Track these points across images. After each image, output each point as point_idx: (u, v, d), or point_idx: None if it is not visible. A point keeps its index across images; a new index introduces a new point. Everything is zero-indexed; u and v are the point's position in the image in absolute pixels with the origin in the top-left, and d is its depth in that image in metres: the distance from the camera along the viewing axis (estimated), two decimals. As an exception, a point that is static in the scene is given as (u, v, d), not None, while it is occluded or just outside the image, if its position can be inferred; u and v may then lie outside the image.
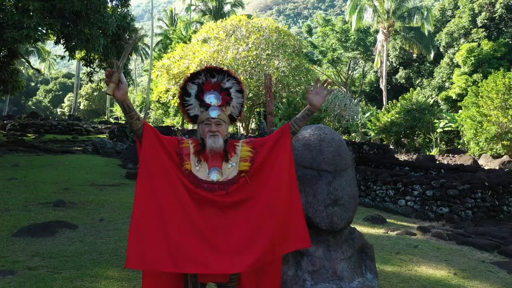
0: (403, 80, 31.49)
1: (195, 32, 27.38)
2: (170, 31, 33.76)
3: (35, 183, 6.98)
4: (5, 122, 19.57)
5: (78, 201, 5.92)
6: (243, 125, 21.17)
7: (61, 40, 11.09)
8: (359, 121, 25.41)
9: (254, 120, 23.99)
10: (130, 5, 11.47)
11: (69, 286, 2.96)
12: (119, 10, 11.55)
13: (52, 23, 9.14)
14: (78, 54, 12.69)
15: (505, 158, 12.98)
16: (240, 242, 1.69)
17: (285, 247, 1.84)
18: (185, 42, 24.74)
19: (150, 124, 1.77)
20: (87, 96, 53.42)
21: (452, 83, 25.20)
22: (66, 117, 36.90)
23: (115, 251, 3.79)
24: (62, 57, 12.56)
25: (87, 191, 6.76)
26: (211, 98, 1.97)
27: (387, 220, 5.81)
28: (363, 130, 25.95)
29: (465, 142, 16.84)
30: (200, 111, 1.97)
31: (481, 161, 13.71)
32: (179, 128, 24.73)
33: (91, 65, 13.08)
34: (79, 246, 3.96)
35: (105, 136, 16.89)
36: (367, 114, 25.94)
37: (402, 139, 23.79)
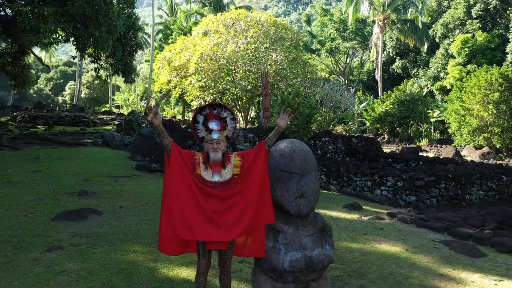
0: (400, 70, 32.09)
1: (195, 23, 27.90)
2: (171, 22, 34.24)
3: (57, 175, 7.92)
4: (14, 114, 20.45)
5: (98, 191, 6.86)
6: (243, 116, 21.98)
7: (71, 39, 11.86)
8: (355, 111, 26.18)
9: (253, 109, 24.78)
10: (136, 7, 12.19)
11: (106, 258, 3.91)
12: (125, 11, 12.28)
13: (65, 27, 9.92)
14: (87, 50, 13.45)
15: (486, 149, 13.94)
16: (232, 220, 2.64)
17: (260, 223, 2.78)
18: (185, 34, 25.34)
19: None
20: (88, 84, 53.96)
21: (447, 73, 25.78)
22: (68, 106, 37.64)
23: (137, 232, 4.75)
24: (74, 58, 13.30)
25: (104, 182, 7.69)
26: (213, 125, 2.89)
27: (363, 207, 6.76)
28: (359, 119, 26.71)
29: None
30: (205, 134, 2.89)
31: (464, 152, 14.65)
32: (181, 119, 25.58)
33: (98, 62, 13.87)
34: (107, 228, 4.91)
35: (111, 128, 17.80)
36: (364, 104, 26.60)
37: (397, 129, 24.59)
